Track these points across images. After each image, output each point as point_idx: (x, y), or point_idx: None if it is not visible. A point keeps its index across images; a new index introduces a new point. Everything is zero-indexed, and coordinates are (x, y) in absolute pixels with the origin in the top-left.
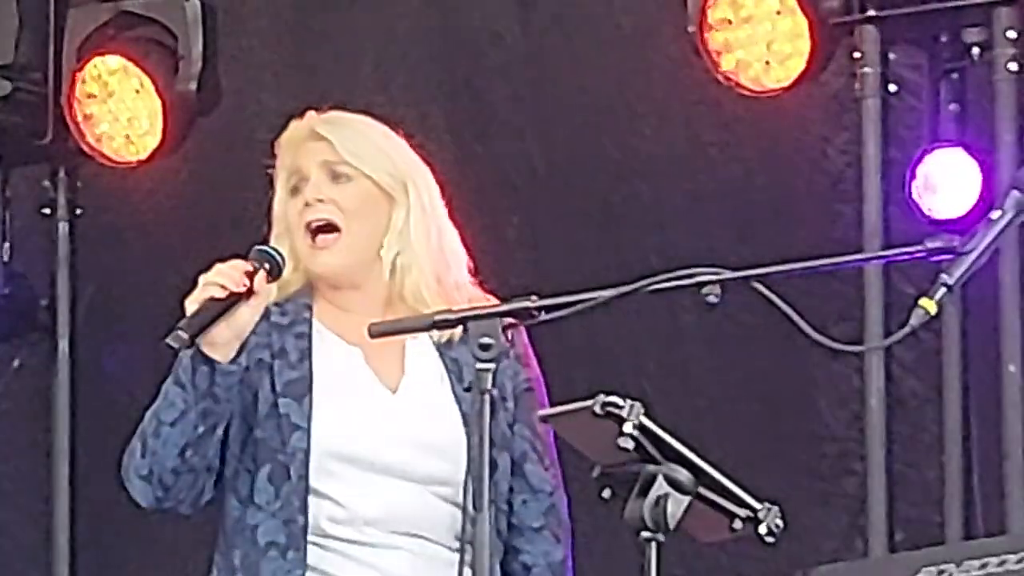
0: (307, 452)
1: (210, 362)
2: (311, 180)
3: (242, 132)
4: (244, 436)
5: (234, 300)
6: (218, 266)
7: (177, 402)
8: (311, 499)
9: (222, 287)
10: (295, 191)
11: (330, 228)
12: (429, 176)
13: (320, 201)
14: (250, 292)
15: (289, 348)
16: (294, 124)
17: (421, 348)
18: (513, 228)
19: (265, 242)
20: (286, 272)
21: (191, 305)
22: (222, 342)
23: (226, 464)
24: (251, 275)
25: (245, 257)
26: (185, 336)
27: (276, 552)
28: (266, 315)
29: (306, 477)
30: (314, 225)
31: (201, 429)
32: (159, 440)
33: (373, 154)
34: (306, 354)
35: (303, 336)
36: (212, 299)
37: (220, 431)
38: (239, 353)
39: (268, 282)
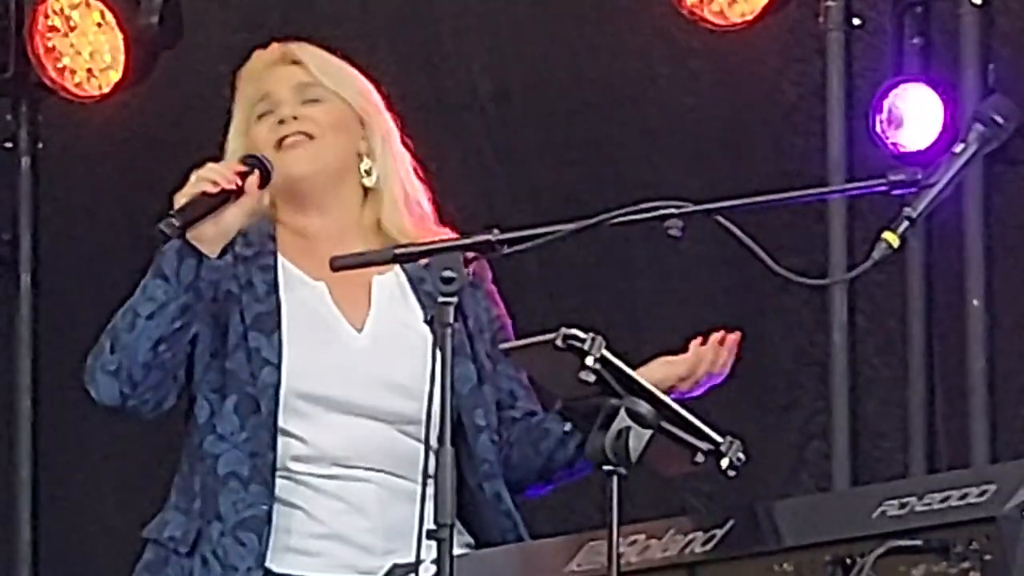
0: (277, 388)
1: (198, 254)
2: (284, 101)
3: (204, 66)
4: (206, 362)
5: (224, 197)
6: (210, 164)
7: (157, 295)
8: (277, 437)
9: (214, 183)
10: (262, 117)
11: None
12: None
13: (295, 119)
14: (240, 192)
15: (256, 281)
16: (259, 53)
17: (390, 282)
18: (458, 160)
19: None
20: None
21: (181, 199)
22: (208, 239)
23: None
24: (243, 176)
25: None
26: (177, 224)
27: (237, 483)
28: (231, 245)
29: (275, 413)
30: (288, 141)
31: (178, 324)
32: (133, 333)
33: (344, 77)
34: (272, 287)
35: (268, 268)
36: (204, 194)
37: (191, 332)
38: (223, 253)
39: (259, 187)
